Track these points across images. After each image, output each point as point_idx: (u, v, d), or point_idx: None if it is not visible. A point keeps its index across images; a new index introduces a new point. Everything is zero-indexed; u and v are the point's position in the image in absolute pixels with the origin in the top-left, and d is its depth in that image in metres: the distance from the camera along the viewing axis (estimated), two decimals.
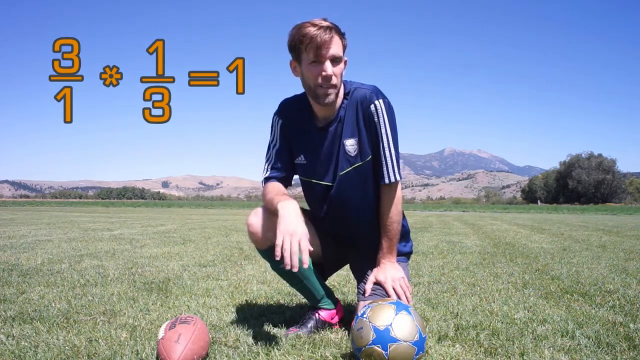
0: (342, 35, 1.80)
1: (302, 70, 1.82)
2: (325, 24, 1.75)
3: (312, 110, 1.93)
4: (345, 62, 1.87)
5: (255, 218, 1.86)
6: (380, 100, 1.84)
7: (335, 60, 1.77)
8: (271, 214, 1.83)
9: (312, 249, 1.64)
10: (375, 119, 1.84)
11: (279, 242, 1.62)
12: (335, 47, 1.76)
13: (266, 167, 1.98)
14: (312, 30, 1.73)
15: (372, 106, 1.84)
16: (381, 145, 1.86)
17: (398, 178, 1.89)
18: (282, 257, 1.61)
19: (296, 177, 2.06)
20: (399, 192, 1.94)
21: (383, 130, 1.85)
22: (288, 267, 1.60)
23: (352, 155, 1.88)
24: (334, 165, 1.91)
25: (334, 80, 1.78)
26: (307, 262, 1.62)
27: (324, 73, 1.76)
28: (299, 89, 1.96)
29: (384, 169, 1.88)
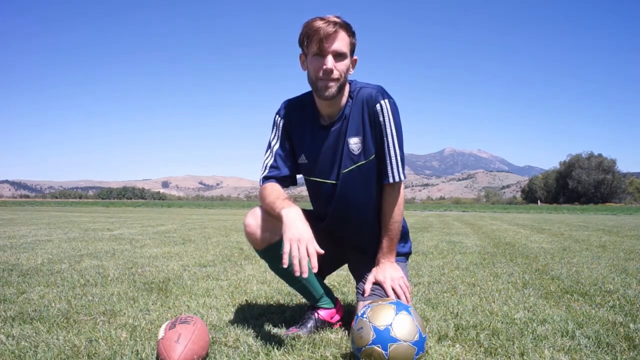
0: (350, 33, 1.81)
1: (307, 63, 1.83)
2: (333, 19, 1.76)
3: (316, 109, 1.93)
4: (355, 61, 1.88)
5: (253, 219, 1.86)
6: (386, 100, 1.84)
7: (339, 56, 1.78)
8: (270, 216, 1.83)
9: (321, 251, 1.63)
10: (381, 119, 1.84)
11: (286, 249, 1.61)
12: (339, 43, 1.76)
13: (265, 165, 1.97)
14: (318, 23, 1.74)
15: (377, 105, 1.84)
16: (386, 145, 1.86)
17: (402, 178, 1.89)
18: (291, 263, 1.61)
19: (300, 176, 2.06)
20: (402, 192, 1.94)
21: (388, 130, 1.85)
22: (298, 274, 1.59)
23: (356, 153, 1.88)
24: (338, 164, 1.91)
25: (335, 75, 1.78)
26: (316, 266, 1.61)
27: (324, 66, 1.76)
28: (300, 88, 1.96)
29: (389, 168, 1.88)
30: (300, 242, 1.62)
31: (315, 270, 1.62)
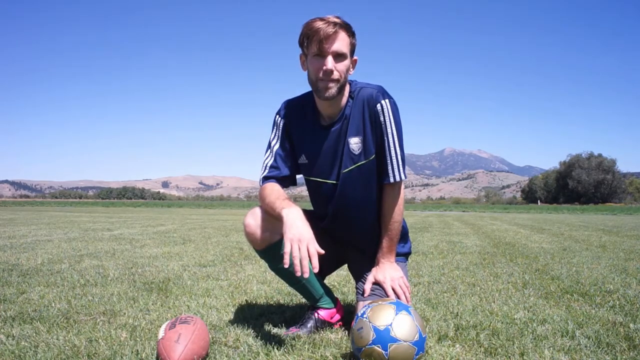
0: (350, 34, 1.80)
1: (307, 64, 1.83)
2: (333, 20, 1.76)
3: (316, 109, 1.93)
4: (355, 61, 1.88)
5: (253, 218, 1.86)
6: (387, 100, 1.84)
7: (339, 56, 1.78)
8: (270, 216, 1.83)
9: (322, 251, 1.63)
10: (381, 119, 1.84)
11: (287, 249, 1.62)
12: (339, 44, 1.76)
13: (265, 165, 1.97)
14: (318, 24, 1.74)
15: (378, 105, 1.84)
16: (386, 145, 1.86)
17: (403, 177, 1.89)
18: (292, 263, 1.61)
19: (299, 176, 2.06)
20: (402, 192, 1.94)
21: (389, 130, 1.85)
22: (299, 274, 1.59)
23: (356, 153, 1.88)
24: (338, 164, 1.91)
25: (336, 75, 1.78)
26: (316, 266, 1.61)
27: (324, 67, 1.76)
28: (301, 88, 1.96)
29: (389, 168, 1.88)
30: (301, 242, 1.62)
31: (316, 270, 1.62)
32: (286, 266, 1.61)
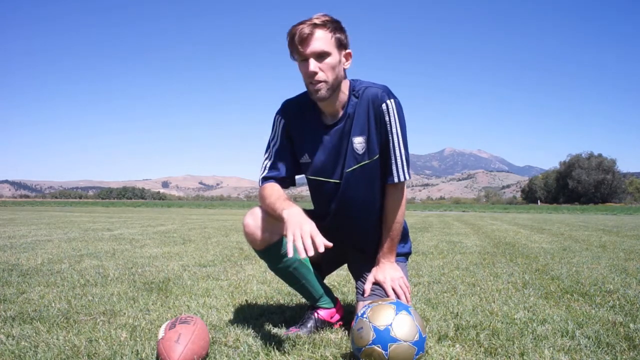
0: (331, 29, 1.76)
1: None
2: (311, 21, 1.74)
3: (317, 108, 1.92)
4: (349, 54, 1.85)
5: (252, 219, 1.86)
6: (392, 100, 1.84)
7: (320, 56, 1.75)
8: (269, 216, 1.82)
9: (328, 243, 1.60)
10: (386, 119, 1.84)
11: (289, 237, 1.60)
12: (317, 43, 1.73)
13: (264, 166, 1.97)
14: (295, 29, 1.74)
15: (383, 105, 1.83)
16: (391, 145, 1.86)
17: (407, 177, 1.89)
18: (296, 252, 1.58)
19: (299, 176, 2.05)
20: (405, 193, 1.94)
21: (394, 130, 1.84)
22: (302, 255, 1.56)
23: (360, 153, 1.87)
24: (342, 163, 1.90)
25: (321, 77, 1.76)
26: (321, 244, 1.57)
27: (307, 70, 1.76)
28: (302, 88, 1.96)
29: (394, 168, 1.87)
30: (303, 226, 1.60)
31: (321, 249, 1.57)
32: (290, 256, 1.59)
